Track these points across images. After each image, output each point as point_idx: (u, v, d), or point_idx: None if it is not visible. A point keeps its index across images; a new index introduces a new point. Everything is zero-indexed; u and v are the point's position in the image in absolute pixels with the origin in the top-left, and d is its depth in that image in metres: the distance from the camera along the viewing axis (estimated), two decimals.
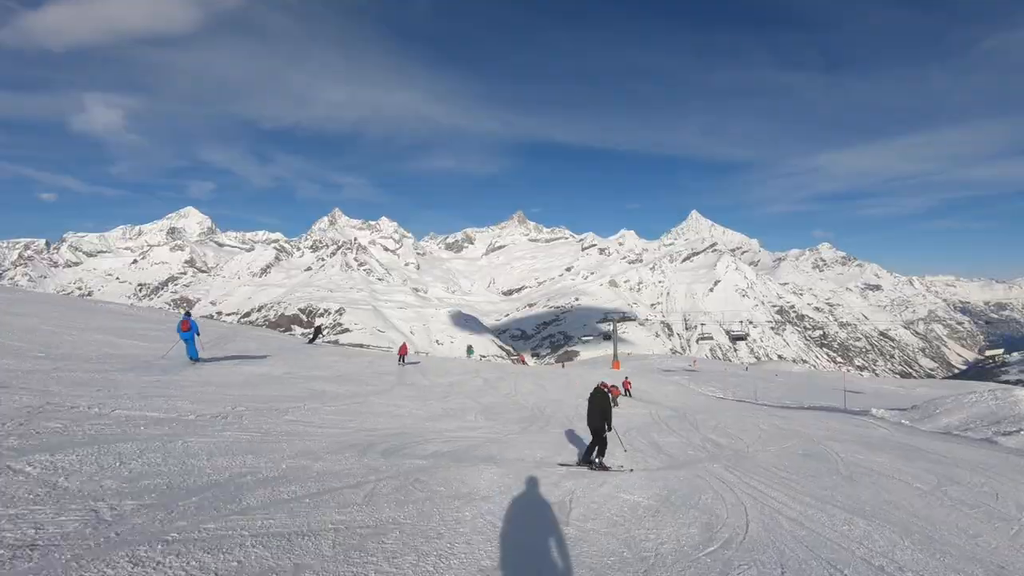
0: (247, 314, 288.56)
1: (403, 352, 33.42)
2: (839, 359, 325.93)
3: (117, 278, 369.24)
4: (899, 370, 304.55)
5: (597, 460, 9.50)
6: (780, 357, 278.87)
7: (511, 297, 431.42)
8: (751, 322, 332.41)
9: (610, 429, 9.85)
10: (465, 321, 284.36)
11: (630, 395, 23.38)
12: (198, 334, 15.56)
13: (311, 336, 34.51)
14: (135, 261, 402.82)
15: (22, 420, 6.29)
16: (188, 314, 16.57)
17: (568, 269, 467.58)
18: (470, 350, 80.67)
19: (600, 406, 9.84)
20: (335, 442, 8.43)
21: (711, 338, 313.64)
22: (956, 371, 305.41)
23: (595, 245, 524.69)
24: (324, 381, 14.77)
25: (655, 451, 11.71)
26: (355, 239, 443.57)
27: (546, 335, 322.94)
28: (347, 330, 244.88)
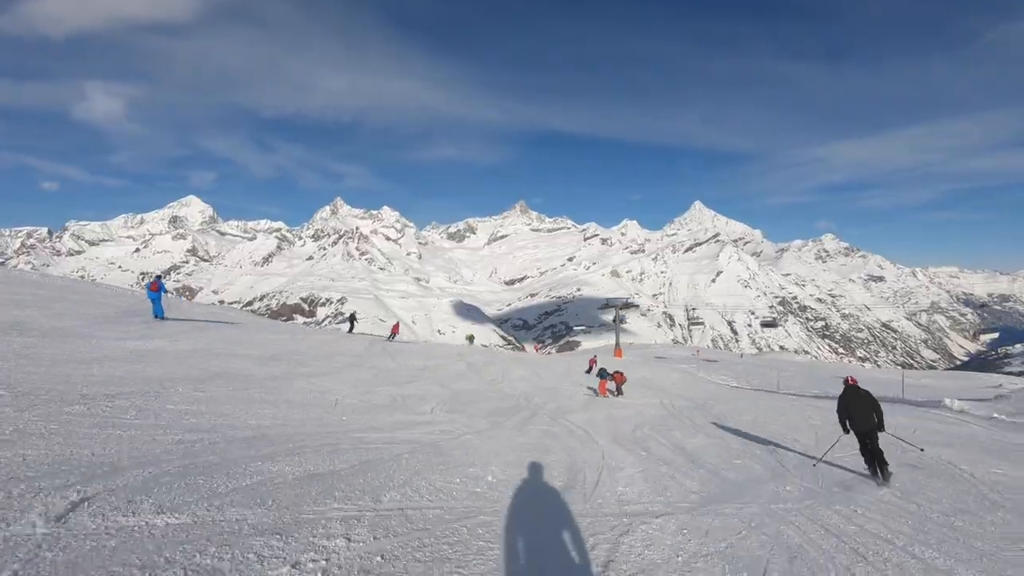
0: (249, 303, 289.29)
1: (395, 331, 33.20)
2: (841, 350, 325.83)
3: (120, 266, 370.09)
4: (901, 361, 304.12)
5: (882, 474, 7.65)
6: (782, 348, 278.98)
7: (513, 287, 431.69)
8: (751, 312, 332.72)
9: (883, 430, 7.89)
10: (467, 311, 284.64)
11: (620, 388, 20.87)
12: (166, 292, 18.17)
13: (348, 326, 34.46)
14: (137, 250, 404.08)
15: None
16: (159, 277, 19.45)
17: (570, 259, 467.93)
18: (471, 339, 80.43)
19: (870, 403, 7.92)
20: (106, 455, 4.90)
21: (713, 328, 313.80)
22: (958, 362, 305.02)
23: (597, 235, 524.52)
24: (249, 360, 12.00)
25: (686, 462, 8.65)
26: (357, 228, 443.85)
27: (548, 325, 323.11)
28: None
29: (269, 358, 13.13)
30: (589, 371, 29.52)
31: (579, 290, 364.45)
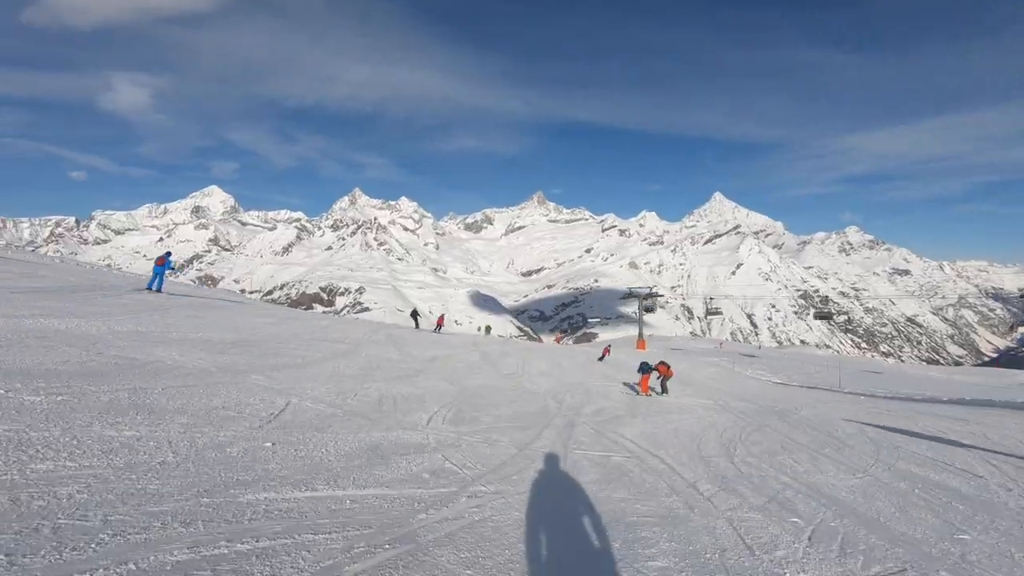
0: (269, 292, 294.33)
1: (440, 323, 35.23)
2: (864, 345, 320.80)
3: (144, 255, 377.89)
4: (926, 357, 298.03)
5: None
6: (803, 342, 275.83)
7: (530, 278, 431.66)
8: (774, 306, 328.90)
9: None
10: (484, 301, 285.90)
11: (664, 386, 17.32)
12: (171, 268, 20.09)
13: (414, 323, 35.61)
14: (161, 239, 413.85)
15: None
16: (168, 254, 20.77)
17: (588, 251, 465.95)
18: (488, 330, 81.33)
19: None
20: None
21: (732, 321, 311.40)
22: (985, 359, 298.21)
23: (615, 227, 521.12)
24: (206, 347, 10.59)
25: (886, 543, 4.95)
26: (375, 219, 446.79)
27: (564, 316, 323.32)
28: (367, 309, 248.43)
29: (233, 345, 11.81)
30: (602, 359, 29.28)
31: (596, 282, 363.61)
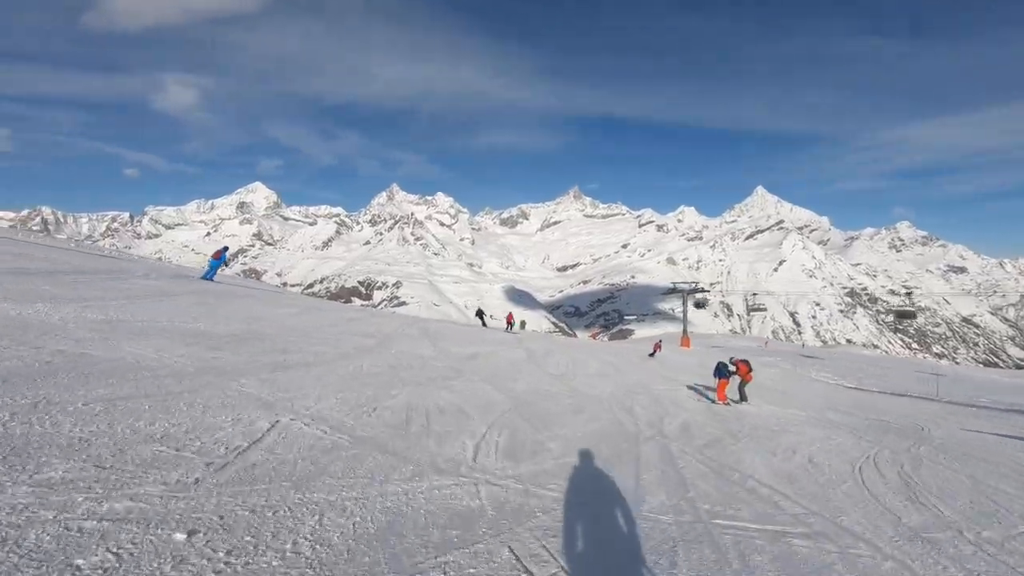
0: (310, 285, 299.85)
1: (510, 320, 34.85)
2: (915, 345, 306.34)
3: (193, 249, 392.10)
4: (983, 359, 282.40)
5: None
6: (849, 341, 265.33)
7: (565, 273, 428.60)
8: (818, 304, 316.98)
9: None
10: (519, 297, 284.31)
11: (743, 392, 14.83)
12: (225, 262, 21.51)
13: (481, 321, 35.22)
14: (208, 234, 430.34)
15: None
16: (225, 248, 22.12)
17: (624, 246, 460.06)
18: (523, 325, 79.82)
19: None
20: None
21: (774, 319, 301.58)
22: None
23: (653, 222, 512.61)
24: (203, 340, 8.83)
25: None
26: (412, 214, 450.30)
27: (600, 312, 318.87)
28: (403, 303, 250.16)
29: (234, 338, 9.83)
30: (652, 355, 28.24)
31: (633, 277, 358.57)
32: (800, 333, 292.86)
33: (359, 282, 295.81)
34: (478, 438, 7.05)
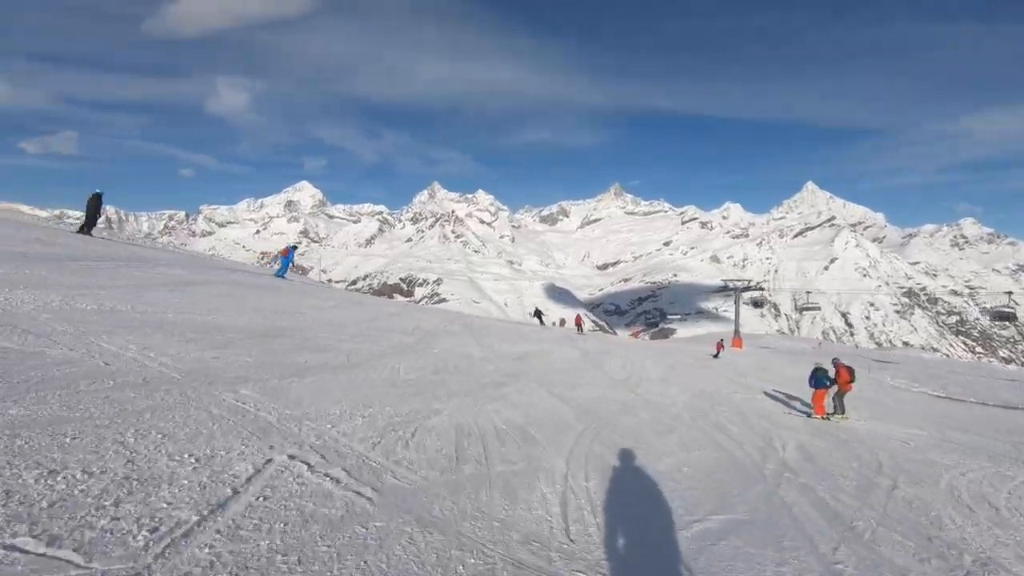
0: (353, 282, 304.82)
1: (579, 322, 34.54)
2: (979, 349, 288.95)
3: (243, 247, 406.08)
4: None
5: None
6: (906, 344, 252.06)
7: (606, 271, 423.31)
8: (872, 304, 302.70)
9: None
10: (558, 294, 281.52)
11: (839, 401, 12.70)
12: (292, 262, 21.53)
13: (539, 321, 35.29)
14: (258, 231, 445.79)
15: None
16: (294, 247, 22.40)
17: (666, 244, 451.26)
18: (562, 323, 78.29)
19: None
20: None
21: (824, 320, 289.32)
22: None
23: (696, 219, 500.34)
24: (188, 337, 7.01)
25: None
26: (452, 212, 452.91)
27: (641, 311, 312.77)
28: (444, 300, 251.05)
29: (248, 335, 8.22)
30: (716, 355, 26.89)
31: (675, 276, 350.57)
32: (853, 335, 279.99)
33: (401, 279, 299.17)
34: (559, 483, 5.06)
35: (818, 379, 12.48)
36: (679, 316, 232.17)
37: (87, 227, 17.25)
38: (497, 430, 6.26)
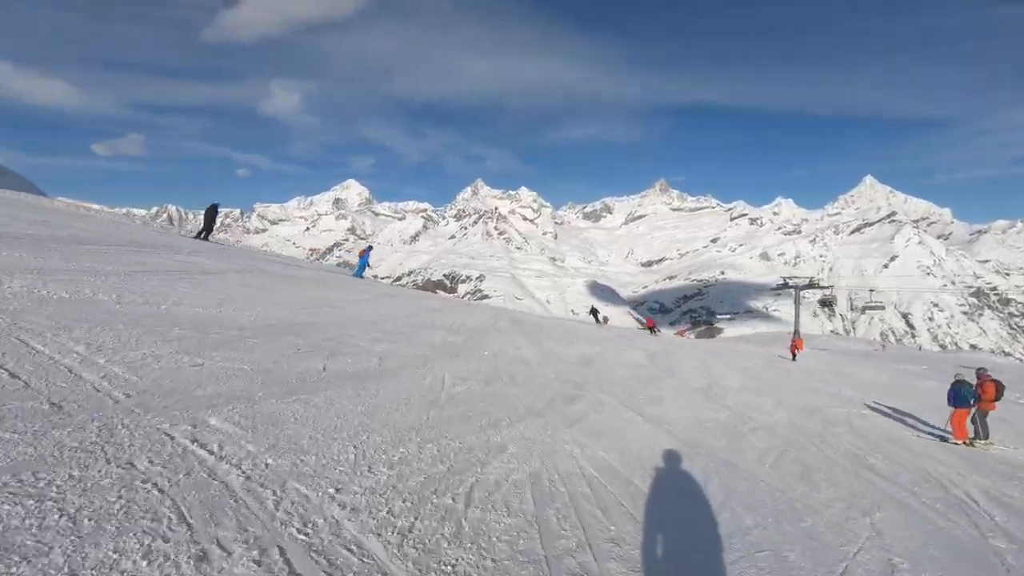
0: (398, 278, 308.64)
1: (651, 324, 33.92)
2: None
3: (294, 243, 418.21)
4: None
5: None
6: (973, 347, 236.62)
7: (650, 269, 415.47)
8: (936, 304, 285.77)
9: None
10: (601, 291, 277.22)
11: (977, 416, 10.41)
12: (368, 263, 22.97)
13: (595, 320, 34.86)
14: (307, 228, 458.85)
15: None
16: (369, 248, 24.08)
17: (713, 240, 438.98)
18: (606, 320, 76.04)
19: None
20: None
21: (883, 320, 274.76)
22: None
23: (745, 215, 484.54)
24: (176, 334, 5.39)
25: None
26: (495, 209, 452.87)
27: (686, 309, 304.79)
28: (486, 296, 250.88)
29: (262, 330, 6.64)
30: (794, 358, 25.34)
31: (723, 274, 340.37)
32: (914, 336, 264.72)
33: (444, 275, 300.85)
34: None
35: (960, 396, 9.98)
36: (729, 315, 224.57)
37: (205, 233, 18.76)
38: (589, 481, 4.24)
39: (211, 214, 19.31)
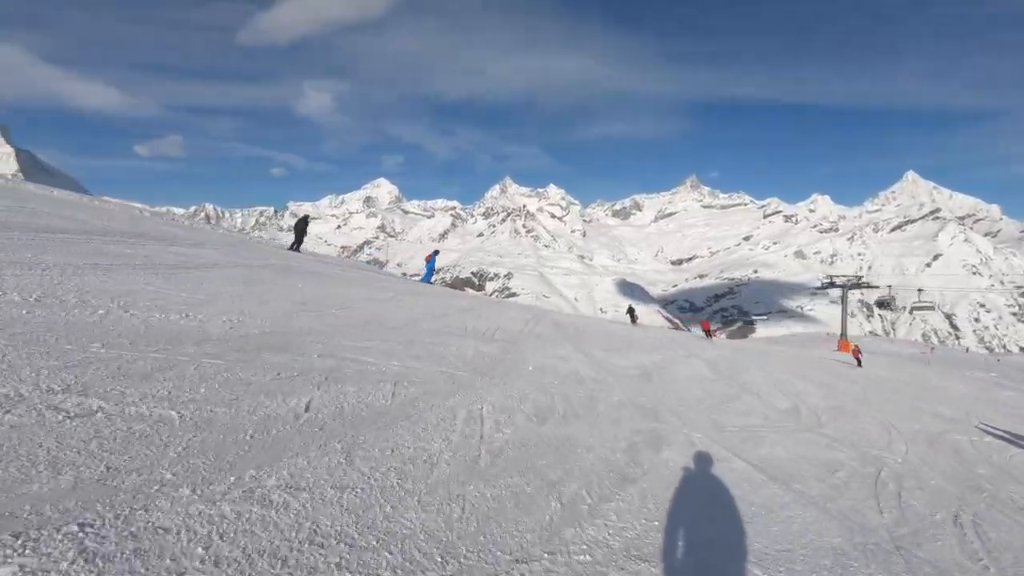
0: None
1: (706, 327, 32.16)
2: None
3: (326, 241, 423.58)
4: None
5: None
6: (1023, 350, 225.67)
7: (680, 267, 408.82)
8: (983, 305, 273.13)
9: None
10: (630, 290, 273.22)
11: None
12: (434, 267, 23.27)
13: (632, 319, 34.56)
14: (339, 227, 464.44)
15: None
16: (436, 252, 24.03)
17: (746, 238, 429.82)
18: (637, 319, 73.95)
19: None
20: None
21: (924, 321, 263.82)
22: None
23: (780, 212, 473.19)
24: (123, 345, 4.03)
25: None
26: (524, 206, 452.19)
27: (717, 308, 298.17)
28: (514, 294, 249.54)
29: (234, 342, 4.92)
30: (859, 364, 22.97)
31: (756, 272, 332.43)
32: (959, 338, 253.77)
33: (472, 273, 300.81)
34: None
35: None
36: (765, 315, 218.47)
37: (296, 244, 19.70)
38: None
39: (302, 225, 20.29)
